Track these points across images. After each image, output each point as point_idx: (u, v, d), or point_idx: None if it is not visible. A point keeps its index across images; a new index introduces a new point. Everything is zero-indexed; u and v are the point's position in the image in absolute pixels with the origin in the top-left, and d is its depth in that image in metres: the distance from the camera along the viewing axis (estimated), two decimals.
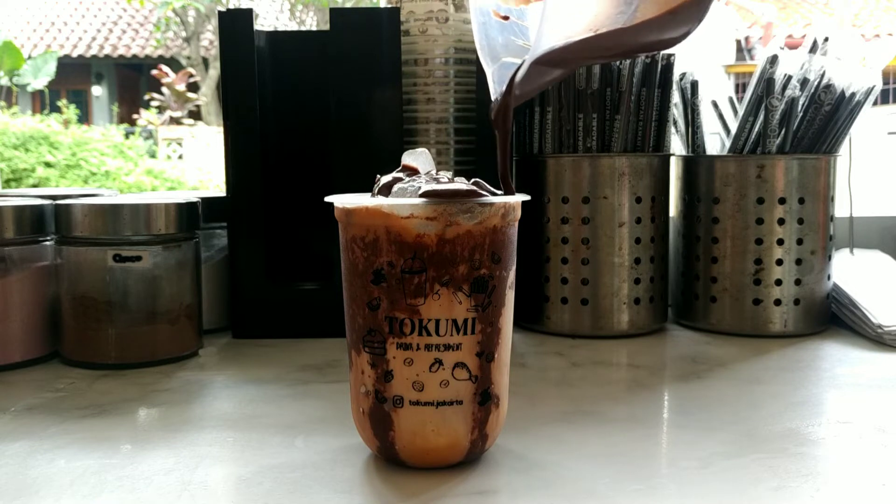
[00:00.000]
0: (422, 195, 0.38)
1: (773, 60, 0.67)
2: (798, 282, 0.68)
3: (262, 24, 6.93)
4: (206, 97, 6.93)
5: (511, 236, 0.40)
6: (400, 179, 0.40)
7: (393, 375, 0.38)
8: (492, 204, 0.38)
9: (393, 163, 0.43)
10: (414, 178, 0.40)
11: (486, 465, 0.41)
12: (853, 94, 0.67)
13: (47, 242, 0.61)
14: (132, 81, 9.56)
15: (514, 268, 0.40)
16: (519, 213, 0.40)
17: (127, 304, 0.59)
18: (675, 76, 0.71)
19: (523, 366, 0.59)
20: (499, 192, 0.40)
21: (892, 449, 0.43)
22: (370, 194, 0.41)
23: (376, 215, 0.38)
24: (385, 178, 0.41)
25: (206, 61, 7.21)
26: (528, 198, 0.40)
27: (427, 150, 0.43)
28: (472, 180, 0.40)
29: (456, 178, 0.41)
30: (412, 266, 0.37)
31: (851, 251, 0.82)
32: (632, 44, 0.38)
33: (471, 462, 0.41)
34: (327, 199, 0.41)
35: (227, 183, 0.68)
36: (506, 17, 0.44)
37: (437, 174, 0.41)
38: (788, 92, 0.66)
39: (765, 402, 0.51)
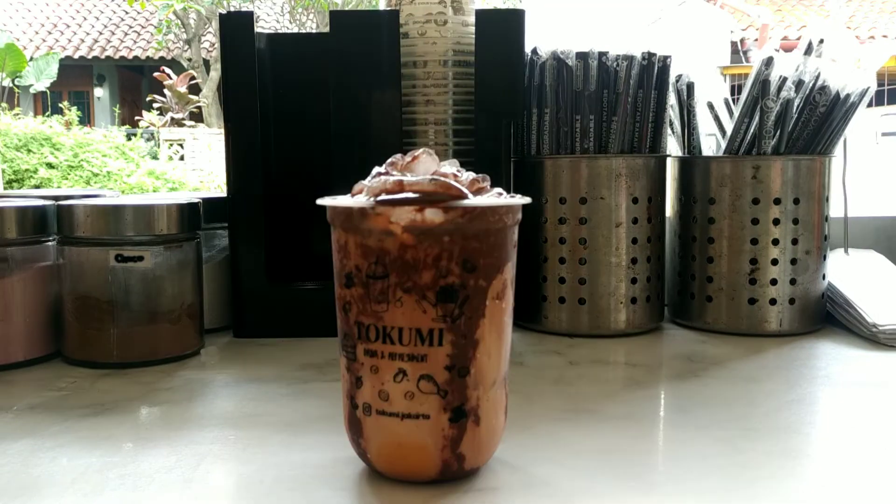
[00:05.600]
0: (379, 200, 0.35)
1: (769, 62, 0.67)
2: (793, 281, 0.68)
3: (263, 26, 6.93)
4: (208, 99, 6.93)
5: (494, 244, 0.36)
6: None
7: (362, 382, 0.37)
8: (455, 207, 0.34)
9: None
10: (391, 173, 0.38)
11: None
12: (848, 96, 0.67)
13: (49, 243, 0.61)
14: (134, 83, 9.56)
15: (503, 276, 0.37)
16: (502, 219, 0.36)
17: (129, 303, 0.59)
18: (672, 78, 0.71)
19: (521, 365, 0.60)
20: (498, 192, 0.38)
21: (888, 448, 0.44)
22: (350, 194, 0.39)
23: (340, 217, 0.36)
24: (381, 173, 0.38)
25: (207, 63, 7.21)
26: (499, 202, 0.36)
27: (429, 151, 0.40)
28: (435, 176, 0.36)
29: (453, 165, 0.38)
30: (375, 271, 0.36)
31: (846, 251, 0.82)
32: None
33: (451, 480, 0.38)
34: (319, 201, 0.39)
35: (228, 184, 0.68)
36: None
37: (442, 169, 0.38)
38: (783, 93, 0.66)
39: (760, 401, 0.52)
